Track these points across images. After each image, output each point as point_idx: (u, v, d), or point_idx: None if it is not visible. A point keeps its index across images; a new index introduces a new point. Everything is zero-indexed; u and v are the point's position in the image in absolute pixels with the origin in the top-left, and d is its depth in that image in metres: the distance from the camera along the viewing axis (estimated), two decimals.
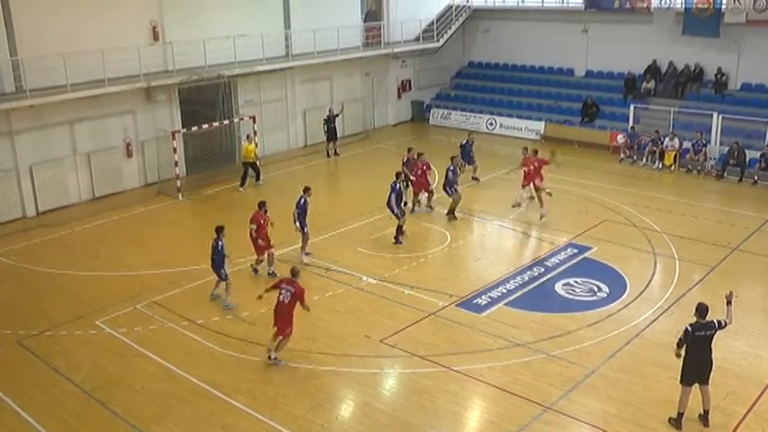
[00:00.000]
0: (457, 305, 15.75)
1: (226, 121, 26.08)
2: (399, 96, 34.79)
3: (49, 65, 20.84)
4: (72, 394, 12.69)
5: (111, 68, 22.34)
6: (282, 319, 13.32)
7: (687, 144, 26.47)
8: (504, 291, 16.42)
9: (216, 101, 26.70)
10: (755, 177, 24.70)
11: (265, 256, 17.17)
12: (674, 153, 26.42)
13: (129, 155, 24.44)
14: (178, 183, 23.60)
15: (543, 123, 31.21)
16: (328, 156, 28.61)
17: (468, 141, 25.17)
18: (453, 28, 34.99)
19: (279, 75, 28.51)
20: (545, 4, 33.98)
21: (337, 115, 28.78)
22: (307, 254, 18.29)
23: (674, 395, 12.31)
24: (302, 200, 17.98)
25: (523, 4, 34.79)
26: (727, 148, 25.57)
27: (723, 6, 27.87)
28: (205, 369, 13.35)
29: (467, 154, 24.78)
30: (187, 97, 25.81)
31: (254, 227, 16.80)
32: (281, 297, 13.30)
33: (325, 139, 28.82)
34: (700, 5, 28.56)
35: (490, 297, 16.10)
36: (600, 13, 31.68)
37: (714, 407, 11.98)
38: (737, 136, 25.88)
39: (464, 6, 35.40)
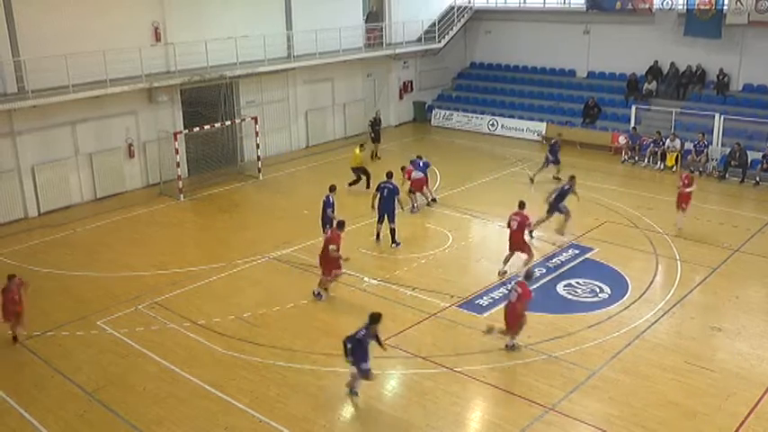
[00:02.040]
0: (458, 306, 15.75)
1: (228, 122, 26.10)
2: (401, 97, 34.80)
3: (52, 65, 20.90)
4: (74, 395, 12.71)
5: (113, 69, 22.39)
6: (509, 316, 13.68)
7: (689, 145, 26.45)
8: (506, 291, 16.36)
9: (218, 102, 26.74)
10: (757, 178, 24.69)
11: (332, 276, 16.20)
12: (675, 154, 26.40)
13: (131, 156, 24.48)
14: (180, 184, 23.62)
15: (545, 124, 31.19)
16: (372, 158, 27.86)
17: (556, 142, 25.29)
18: (455, 29, 35.00)
19: (281, 76, 28.53)
20: (547, 5, 33.98)
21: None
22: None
23: (675, 396, 12.35)
24: (328, 198, 18.15)
25: (525, 5, 34.79)
26: (728, 150, 25.55)
27: (725, 7, 27.85)
28: (207, 370, 13.37)
29: (554, 154, 24.87)
30: (189, 98, 25.86)
31: (335, 247, 15.75)
32: (510, 296, 13.79)
33: (371, 140, 28.49)
34: (701, 6, 28.54)
35: (492, 298, 16.09)
36: (601, 14, 31.68)
37: (716, 408, 12.00)
38: (739, 137, 25.87)
39: (466, 7, 35.40)
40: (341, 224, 16.28)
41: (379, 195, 19.36)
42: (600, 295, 16.27)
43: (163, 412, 12.13)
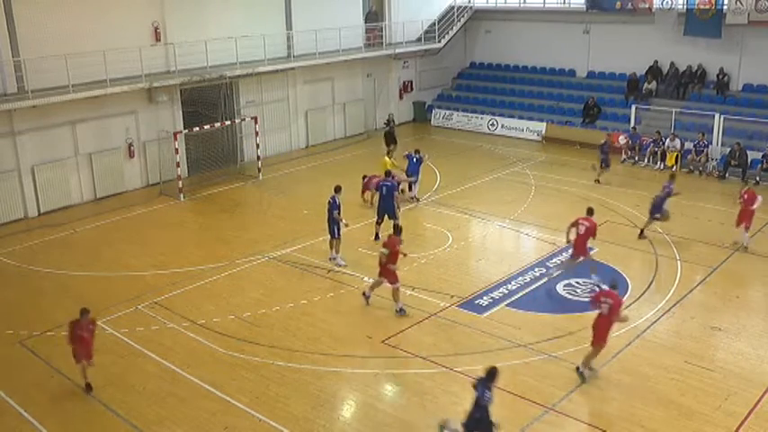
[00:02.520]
0: (458, 306, 15.75)
1: (228, 122, 26.11)
2: (401, 97, 34.80)
3: (52, 65, 20.91)
4: (73, 395, 12.71)
5: (112, 69, 22.39)
6: (600, 330, 12.80)
7: (689, 145, 26.45)
8: (506, 291, 16.42)
9: (218, 101, 26.74)
10: (757, 178, 24.69)
11: (399, 284, 15.30)
12: (675, 154, 26.39)
13: (131, 155, 24.48)
14: (180, 183, 23.62)
15: (545, 124, 31.20)
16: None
17: (606, 142, 25.24)
18: (455, 29, 34.99)
19: (280, 75, 28.54)
20: (547, 5, 33.97)
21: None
22: (333, 258, 18.07)
23: (675, 396, 12.35)
24: (334, 199, 17.80)
25: (525, 4, 34.79)
26: (728, 149, 25.54)
27: (725, 7, 27.85)
28: (207, 370, 13.37)
29: (605, 155, 24.85)
30: (189, 98, 25.86)
31: (386, 251, 15.01)
32: (601, 310, 12.79)
33: (385, 143, 27.66)
34: (701, 6, 28.53)
35: (492, 298, 16.10)
36: (601, 14, 31.68)
37: (716, 408, 12.00)
38: (739, 137, 25.86)
39: (466, 7, 35.39)
40: (398, 228, 15.50)
41: (378, 194, 19.34)
42: None
43: (163, 412, 12.14)
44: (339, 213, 17.77)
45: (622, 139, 28.19)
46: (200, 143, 26.17)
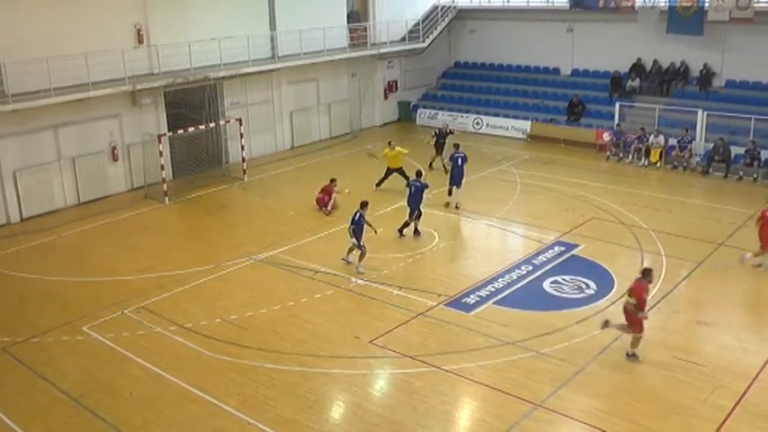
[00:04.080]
0: (446, 305, 15.73)
1: (212, 124, 25.97)
2: (386, 97, 34.76)
3: (33, 69, 20.65)
4: (59, 401, 12.58)
5: (95, 72, 22.17)
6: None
7: (673, 141, 26.60)
8: (493, 289, 16.41)
9: (202, 103, 26.60)
10: (740, 173, 24.86)
11: (642, 334, 13.42)
12: (659, 150, 26.55)
13: (115, 159, 24.28)
14: (165, 186, 23.47)
15: (530, 122, 31.28)
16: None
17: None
18: (439, 28, 34.99)
19: (265, 76, 28.44)
20: (530, 4, 34.00)
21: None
22: (360, 269, 17.60)
23: (663, 390, 12.39)
24: (358, 215, 17.39)
25: (509, 3, 34.81)
26: (712, 145, 25.70)
27: (707, 4, 28.01)
28: (194, 373, 13.27)
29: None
30: (173, 100, 25.70)
31: (634, 301, 13.16)
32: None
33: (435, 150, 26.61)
34: (684, 4, 28.65)
35: (479, 296, 16.09)
36: (585, 13, 31.76)
37: (703, 401, 12.06)
38: (722, 132, 25.99)
39: (450, 7, 35.41)
40: (647, 272, 13.48)
41: (407, 192, 19.75)
42: (586, 291, 16.29)
43: (150, 417, 12.03)
44: (360, 230, 17.34)
45: (607, 137, 28.31)
46: (185, 146, 25.99)
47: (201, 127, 25.27)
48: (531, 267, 17.59)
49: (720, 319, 15.03)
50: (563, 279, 16.92)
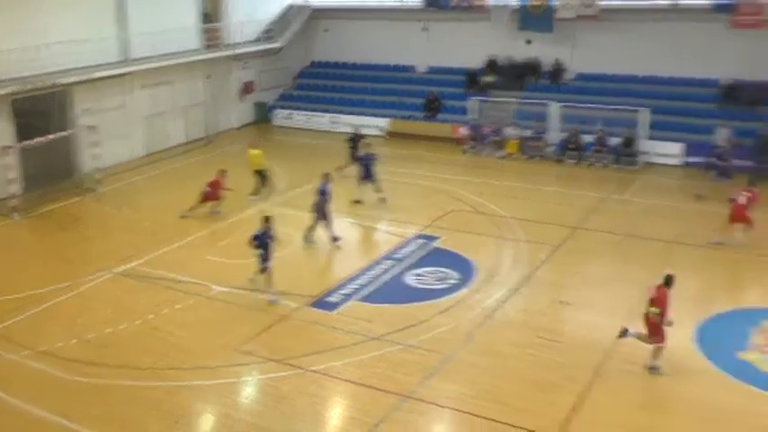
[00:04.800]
0: (309, 305, 15.30)
1: (62, 133, 24.07)
2: (242, 98, 33.85)
3: None
4: None
5: None
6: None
7: (528, 132, 27.45)
8: (356, 286, 16.13)
9: (52, 111, 24.63)
10: (591, 160, 26.05)
11: (664, 344, 12.59)
12: (515, 141, 27.34)
13: None
14: (14, 201, 21.56)
15: (388, 120, 31.39)
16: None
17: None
18: (293, 28, 34.53)
19: (117, 81, 26.86)
20: (384, 4, 34.22)
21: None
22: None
23: (529, 370, 12.54)
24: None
25: (363, 3, 34.84)
26: (566, 135, 26.75)
27: (555, 3, 29.28)
28: (52, 400, 12.09)
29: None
30: (21, 108, 23.60)
31: (657, 311, 12.37)
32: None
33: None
34: (533, 2, 29.86)
35: (342, 294, 15.76)
36: (438, 12, 32.25)
37: (567, 377, 12.33)
38: (574, 122, 27.09)
39: (304, 6, 35.03)
40: (669, 280, 12.57)
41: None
42: (448, 281, 16.32)
43: None
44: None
45: (463, 131, 28.85)
46: (37, 157, 23.90)
47: (51, 136, 23.37)
48: (393, 262, 17.46)
49: (578, 298, 15.46)
50: (425, 271, 16.89)
